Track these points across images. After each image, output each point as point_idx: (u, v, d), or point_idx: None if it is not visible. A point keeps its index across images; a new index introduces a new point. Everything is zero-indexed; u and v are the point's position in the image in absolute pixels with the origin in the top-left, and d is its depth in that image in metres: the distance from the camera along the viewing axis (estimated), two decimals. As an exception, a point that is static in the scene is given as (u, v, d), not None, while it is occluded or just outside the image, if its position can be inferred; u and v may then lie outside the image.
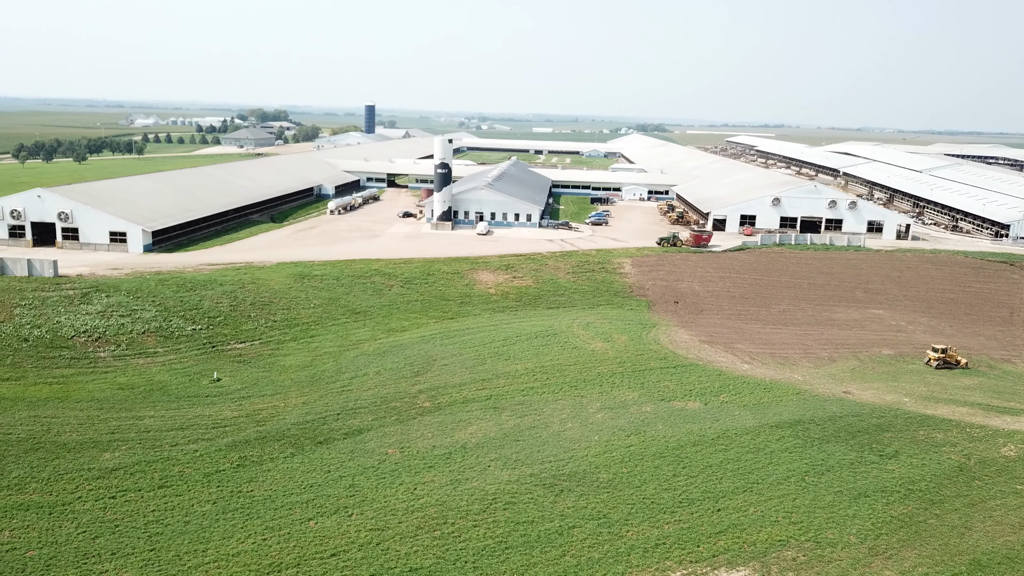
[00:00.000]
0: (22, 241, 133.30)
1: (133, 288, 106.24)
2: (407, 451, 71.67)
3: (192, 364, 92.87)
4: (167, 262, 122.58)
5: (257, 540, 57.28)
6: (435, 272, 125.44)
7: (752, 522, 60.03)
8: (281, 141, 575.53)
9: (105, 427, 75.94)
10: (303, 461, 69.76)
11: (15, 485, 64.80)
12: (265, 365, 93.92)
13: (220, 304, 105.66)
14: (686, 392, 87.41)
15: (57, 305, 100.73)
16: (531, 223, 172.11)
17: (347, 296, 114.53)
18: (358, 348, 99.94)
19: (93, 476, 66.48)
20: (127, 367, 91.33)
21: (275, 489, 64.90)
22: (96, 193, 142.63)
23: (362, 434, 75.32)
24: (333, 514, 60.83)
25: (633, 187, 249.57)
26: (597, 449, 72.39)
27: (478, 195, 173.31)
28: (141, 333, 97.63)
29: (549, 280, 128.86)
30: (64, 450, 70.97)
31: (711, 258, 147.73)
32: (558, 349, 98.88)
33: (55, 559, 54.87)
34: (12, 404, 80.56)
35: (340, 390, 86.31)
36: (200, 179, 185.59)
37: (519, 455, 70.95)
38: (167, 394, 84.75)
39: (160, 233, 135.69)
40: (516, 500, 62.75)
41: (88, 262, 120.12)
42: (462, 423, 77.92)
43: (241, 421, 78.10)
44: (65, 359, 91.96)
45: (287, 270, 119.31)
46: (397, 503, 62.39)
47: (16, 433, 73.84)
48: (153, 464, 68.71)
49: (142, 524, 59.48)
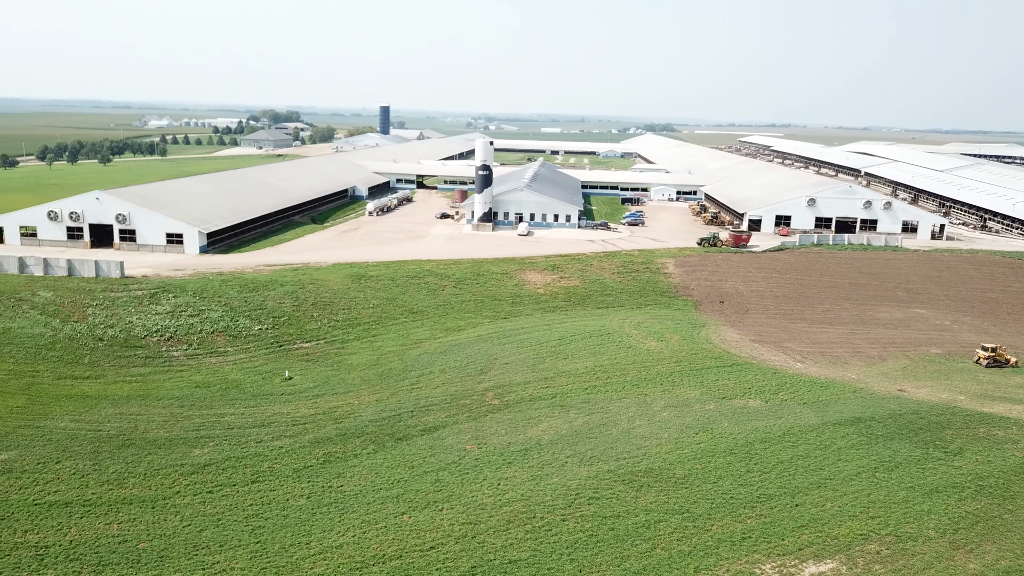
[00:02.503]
0: (80, 243, 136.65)
1: (199, 289, 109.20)
2: (484, 447, 74.01)
3: (262, 363, 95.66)
4: (225, 263, 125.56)
5: (356, 533, 59.73)
6: (485, 273, 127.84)
7: (831, 516, 61.96)
8: (298, 142, 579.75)
9: (190, 424, 78.74)
10: (386, 457, 72.24)
11: (114, 480, 67.60)
12: (333, 364, 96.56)
13: (283, 304, 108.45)
14: (745, 390, 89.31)
15: (127, 305, 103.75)
16: (570, 224, 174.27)
17: (403, 296, 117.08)
18: (420, 347, 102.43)
19: (187, 471, 69.20)
20: (200, 366, 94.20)
21: (363, 484, 67.39)
22: (151, 195, 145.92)
23: (438, 431, 77.73)
24: (424, 508, 63.22)
25: (662, 187, 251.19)
26: (668, 446, 74.48)
27: (517, 196, 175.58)
28: (210, 333, 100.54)
29: (596, 280, 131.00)
30: (154, 446, 73.76)
31: (752, 258, 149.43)
32: (614, 348, 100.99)
33: (167, 551, 57.51)
34: (97, 402, 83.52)
35: (410, 388, 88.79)
36: (243, 181, 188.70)
37: (594, 452, 73.14)
38: (243, 392, 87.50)
39: (214, 235, 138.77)
40: (599, 495, 64.93)
41: (149, 263, 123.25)
42: (533, 420, 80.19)
43: (319, 418, 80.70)
44: (140, 358, 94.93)
45: (343, 271, 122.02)
46: (484, 498, 64.70)
47: (106, 430, 76.74)
48: (243, 460, 71.38)
49: (243, 517, 62.08)
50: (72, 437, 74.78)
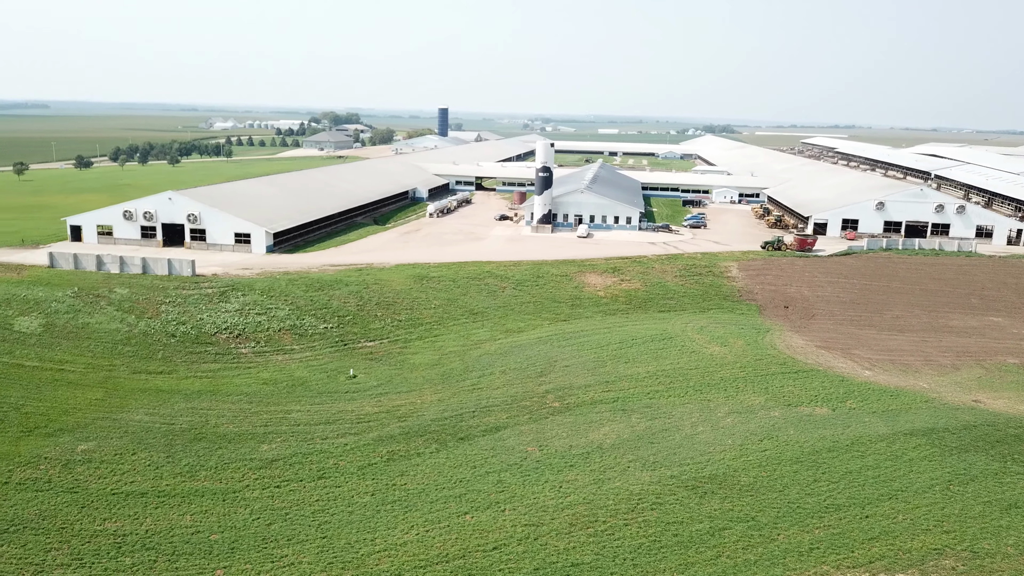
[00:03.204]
0: (153, 241, 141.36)
1: (266, 287, 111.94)
2: (546, 450, 74.04)
3: (328, 361, 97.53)
4: (291, 263, 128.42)
5: (420, 531, 60.40)
6: (544, 275, 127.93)
7: (903, 529, 60.21)
8: (358, 144, 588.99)
9: (258, 420, 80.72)
10: (448, 457, 72.87)
11: (186, 472, 69.73)
12: (396, 363, 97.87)
13: (348, 304, 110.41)
14: (811, 398, 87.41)
15: (198, 303, 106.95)
16: (631, 226, 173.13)
17: (464, 297, 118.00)
18: (480, 348, 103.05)
19: (256, 466, 70.96)
20: (268, 363, 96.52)
21: (427, 483, 68.11)
22: (220, 196, 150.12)
23: (499, 432, 78.08)
24: (487, 509, 63.56)
25: (723, 190, 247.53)
26: (732, 453, 73.35)
27: (577, 198, 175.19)
28: (277, 331, 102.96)
29: (657, 283, 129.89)
30: (224, 440, 75.83)
31: (817, 262, 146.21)
32: (676, 353, 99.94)
33: (237, 543, 59.06)
34: (169, 396, 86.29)
35: (471, 388, 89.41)
36: (307, 182, 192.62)
37: (656, 457, 72.51)
38: (309, 390, 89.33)
39: (280, 235, 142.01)
40: (662, 501, 64.34)
41: (218, 262, 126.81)
42: (594, 424, 79.90)
43: (383, 417, 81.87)
44: (211, 354, 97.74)
45: (406, 271, 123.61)
46: (546, 500, 64.73)
47: (179, 423, 79.21)
48: (309, 456, 72.86)
49: (309, 513, 63.37)
50: (147, 430, 77.43)
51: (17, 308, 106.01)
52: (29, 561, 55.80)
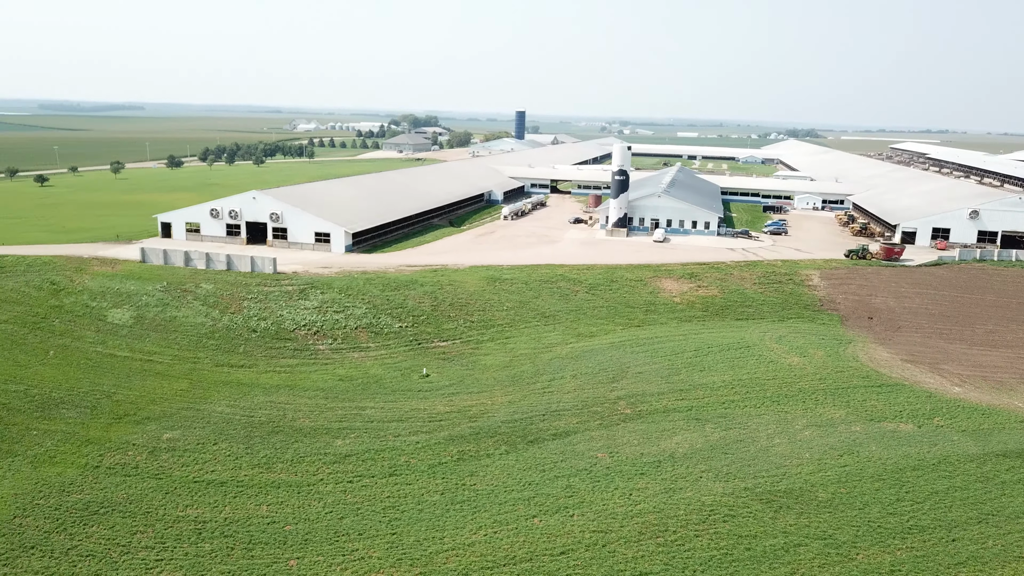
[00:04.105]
0: (237, 239, 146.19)
1: (344, 286, 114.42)
2: (616, 456, 73.26)
3: (402, 360, 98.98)
4: (369, 262, 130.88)
5: (488, 532, 60.56)
6: (618, 279, 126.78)
7: (993, 556, 57.20)
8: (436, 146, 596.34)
9: (333, 415, 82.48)
10: (518, 459, 72.88)
11: (263, 464, 71.75)
12: (468, 363, 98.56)
13: (422, 304, 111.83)
14: (896, 413, 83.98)
15: (279, 299, 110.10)
16: (709, 231, 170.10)
17: (536, 300, 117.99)
18: (551, 351, 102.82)
19: (330, 460, 72.48)
20: (344, 360, 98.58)
21: (496, 484, 68.26)
22: (301, 196, 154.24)
23: (569, 436, 77.67)
24: (555, 513, 63.28)
25: (806, 196, 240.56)
26: (810, 467, 71.08)
27: (654, 202, 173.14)
28: (354, 329, 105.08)
29: (735, 290, 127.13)
30: (301, 434, 77.74)
31: (905, 272, 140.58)
32: (754, 362, 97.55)
33: (310, 535, 60.41)
34: (249, 389, 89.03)
35: (541, 391, 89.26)
36: (385, 184, 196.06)
37: (730, 468, 70.86)
38: (383, 387, 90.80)
39: (358, 235, 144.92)
40: (734, 513, 62.82)
41: (298, 260, 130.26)
42: (666, 432, 78.66)
43: (454, 416, 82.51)
44: (289, 350, 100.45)
45: (479, 273, 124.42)
46: (615, 507, 64.02)
47: (258, 416, 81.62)
48: (381, 453, 74.00)
49: (380, 509, 64.32)
50: (228, 421, 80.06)
51: (111, 300, 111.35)
52: (116, 542, 58.36)
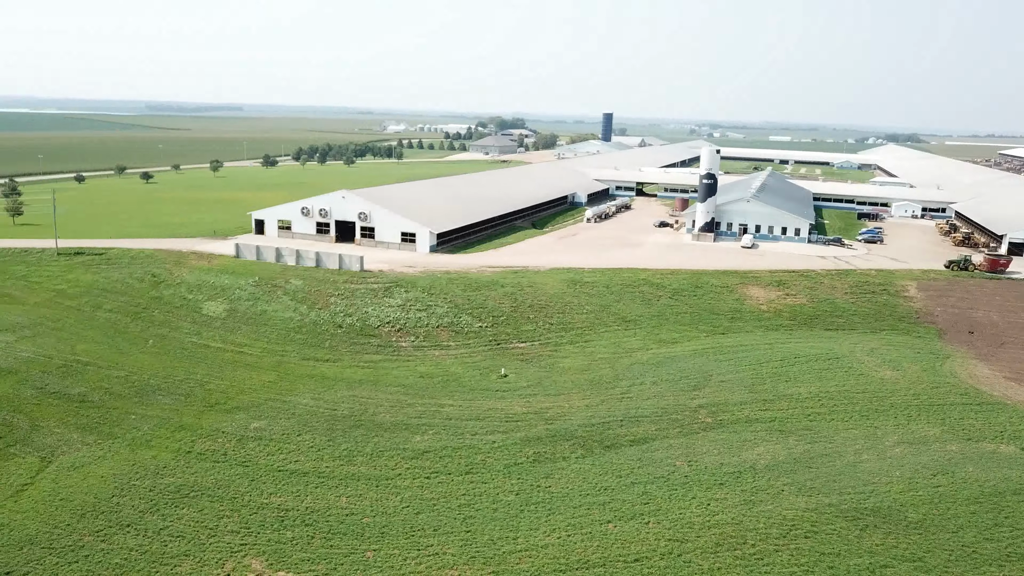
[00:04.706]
0: (327, 237, 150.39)
1: (427, 285, 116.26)
2: (695, 465, 71.89)
3: (481, 359, 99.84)
4: (452, 263, 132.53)
5: (561, 535, 60.38)
6: (703, 285, 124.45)
7: (1102, 591, 53.47)
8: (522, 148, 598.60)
9: (413, 411, 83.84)
10: (594, 464, 72.43)
11: (344, 456, 73.54)
12: (546, 365, 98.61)
13: (502, 305, 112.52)
14: (996, 433, 79.50)
15: (364, 297, 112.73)
16: (799, 238, 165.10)
17: (617, 304, 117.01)
18: (631, 356, 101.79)
19: (408, 456, 73.70)
20: (425, 357, 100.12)
21: (571, 488, 68.02)
22: (388, 196, 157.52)
23: (647, 443, 76.68)
24: (630, 519, 62.58)
25: (904, 203, 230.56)
26: (900, 486, 68.03)
27: (742, 206, 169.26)
28: (436, 327, 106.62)
29: (825, 300, 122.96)
30: (381, 429, 79.33)
31: (1011, 285, 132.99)
32: (843, 375, 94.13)
33: (387, 528, 61.56)
34: (334, 383, 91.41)
35: (620, 397, 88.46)
36: (470, 185, 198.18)
37: (814, 483, 68.54)
38: (462, 386, 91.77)
39: (443, 235, 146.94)
40: (817, 529, 60.73)
41: (384, 259, 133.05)
42: (748, 443, 76.73)
43: (531, 418, 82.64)
44: (373, 346, 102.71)
45: (560, 275, 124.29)
46: (692, 516, 62.84)
47: (340, 410, 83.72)
48: (458, 450, 74.77)
49: (456, 506, 64.98)
50: (312, 413, 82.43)
51: (206, 293, 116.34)
52: (204, 525, 60.88)
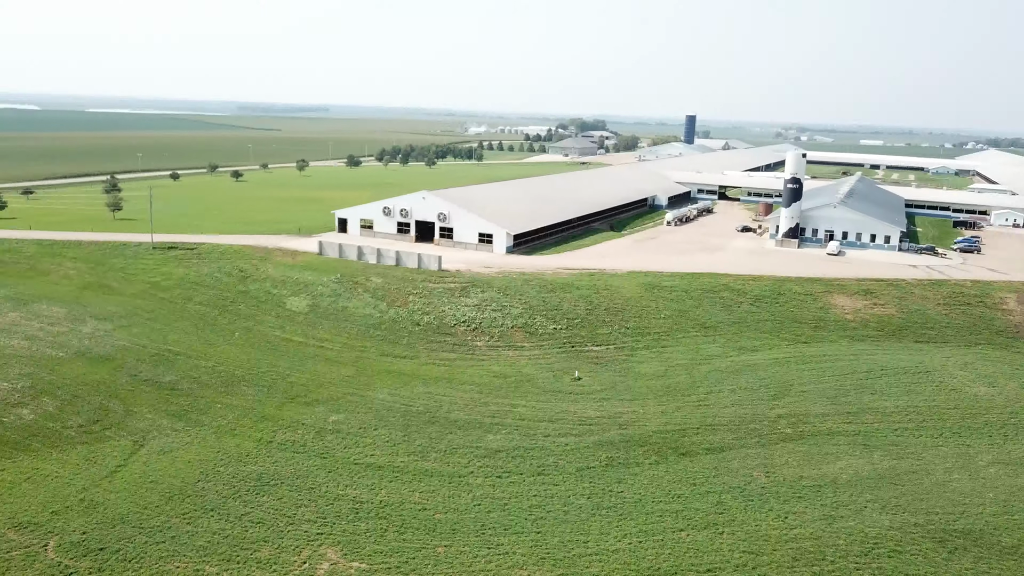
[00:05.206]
0: (407, 236, 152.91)
1: (503, 286, 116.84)
2: (773, 477, 69.98)
3: (554, 361, 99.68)
4: (528, 264, 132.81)
5: (632, 541, 59.63)
6: (786, 292, 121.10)
7: None
8: (602, 151, 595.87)
9: (486, 410, 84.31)
10: (668, 470, 71.33)
11: (418, 452, 74.48)
12: (621, 370, 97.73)
13: (578, 307, 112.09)
14: (1102, 458, 74.64)
15: (442, 296, 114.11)
16: (889, 246, 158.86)
17: (696, 310, 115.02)
18: (710, 363, 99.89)
19: (481, 454, 74.11)
20: (499, 357, 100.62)
21: (643, 494, 67.11)
22: (467, 197, 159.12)
23: (724, 452, 75.06)
24: (704, 529, 61.33)
25: (1005, 211, 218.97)
26: (993, 508, 64.61)
27: (829, 212, 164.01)
28: (510, 328, 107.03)
29: (916, 311, 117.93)
30: (455, 427, 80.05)
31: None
32: (933, 389, 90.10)
33: (458, 525, 61.99)
34: (410, 380, 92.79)
35: (697, 404, 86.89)
36: (548, 187, 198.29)
37: (899, 500, 65.78)
38: (535, 387, 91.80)
39: (519, 236, 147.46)
40: (901, 549, 58.22)
41: (462, 259, 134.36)
42: (829, 456, 74.24)
43: (604, 422, 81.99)
44: (449, 345, 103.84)
45: (637, 279, 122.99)
46: (768, 529, 61.16)
47: (416, 406, 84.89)
48: (530, 451, 74.77)
49: (527, 507, 64.95)
50: (388, 408, 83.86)
51: (290, 289, 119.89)
52: (283, 513, 62.63)
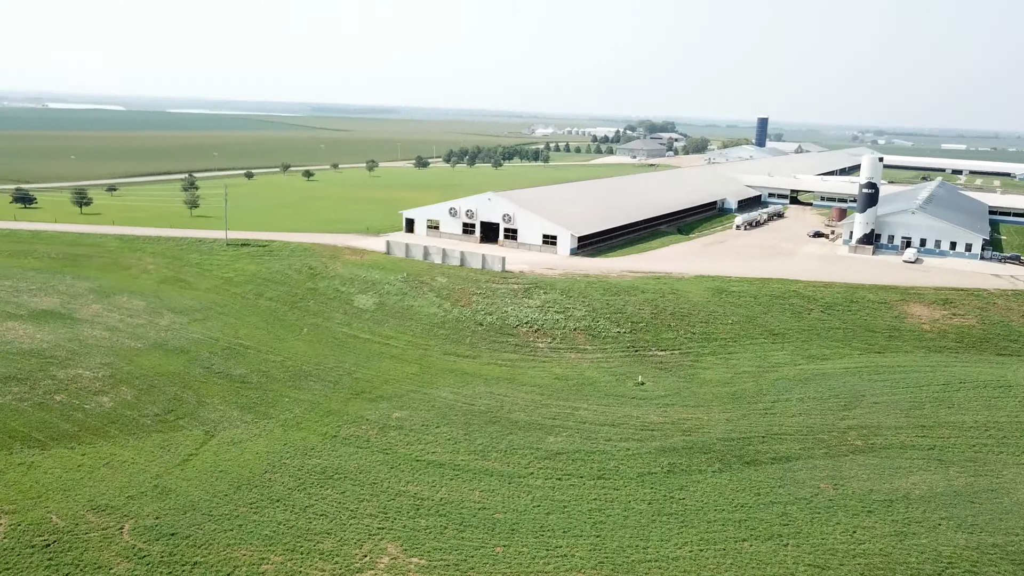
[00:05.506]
0: (472, 237, 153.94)
1: (566, 288, 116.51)
2: (841, 489, 67.94)
3: (617, 365, 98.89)
4: (592, 266, 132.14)
5: (693, 549, 58.68)
6: (859, 300, 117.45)
7: None
8: (671, 152, 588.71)
9: (547, 412, 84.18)
10: (731, 479, 69.97)
11: (479, 451, 74.81)
12: (685, 375, 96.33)
13: (642, 311, 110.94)
14: None
15: (505, 296, 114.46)
16: (970, 254, 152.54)
17: (764, 316, 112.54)
18: (777, 371, 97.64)
19: (541, 456, 74.00)
20: (561, 359, 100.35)
21: (706, 502, 65.98)
22: (532, 198, 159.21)
23: (790, 462, 73.25)
24: (767, 540, 59.95)
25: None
26: (1080, 532, 61.34)
27: (906, 218, 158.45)
28: (573, 330, 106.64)
29: (999, 322, 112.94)
30: (516, 427, 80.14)
31: None
32: (1015, 404, 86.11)
33: (517, 525, 62.01)
34: (472, 379, 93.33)
35: (763, 412, 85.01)
36: (614, 189, 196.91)
37: (975, 519, 63.04)
38: (597, 390, 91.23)
39: (584, 238, 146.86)
40: (977, 571, 55.79)
41: (525, 260, 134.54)
42: (902, 470, 71.69)
43: (667, 427, 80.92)
44: (511, 345, 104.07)
45: (704, 284, 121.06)
46: (836, 543, 59.39)
47: (477, 405, 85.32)
48: (591, 455, 74.32)
49: (586, 510, 64.56)
50: (450, 407, 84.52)
51: (358, 287, 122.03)
52: (345, 506, 63.70)
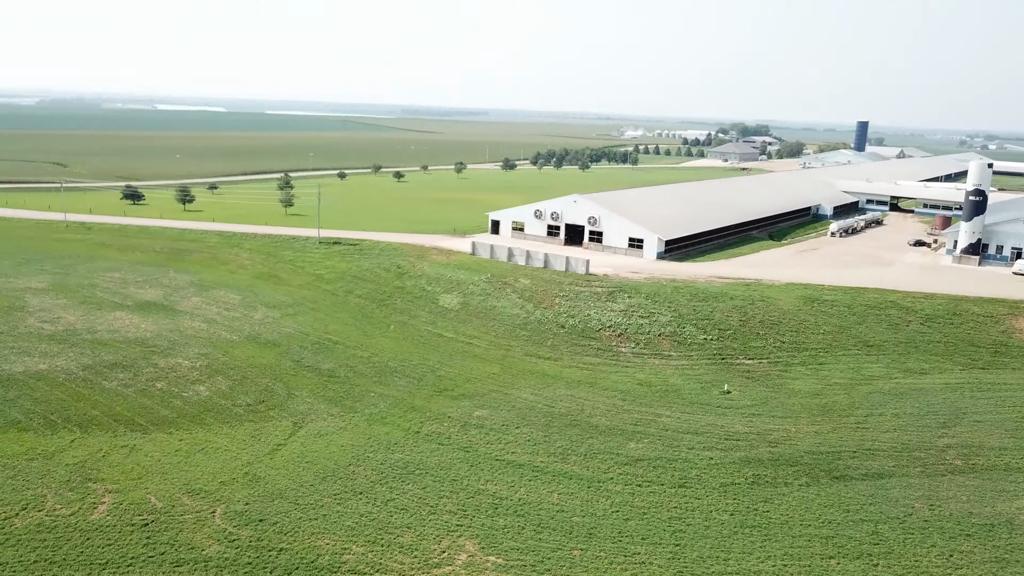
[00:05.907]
0: (556, 239, 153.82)
1: (652, 292, 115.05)
2: (937, 510, 64.74)
3: (703, 372, 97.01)
4: (679, 271, 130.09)
5: (777, 564, 57.03)
6: (962, 312, 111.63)
7: None
8: (764, 156, 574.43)
9: (628, 417, 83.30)
10: (819, 494, 67.65)
11: (559, 453, 74.66)
12: (773, 385, 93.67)
13: (730, 318, 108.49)
14: None
15: (588, 299, 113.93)
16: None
17: (859, 327, 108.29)
18: (871, 384, 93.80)
19: (621, 461, 73.28)
20: (644, 365, 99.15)
21: (791, 516, 64.02)
22: (619, 201, 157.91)
23: (883, 479, 70.25)
24: (856, 559, 57.71)
25: None
26: None
27: (1017, 228, 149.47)
28: (657, 335, 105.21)
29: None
30: (596, 431, 79.62)
31: None
32: None
33: (595, 530, 61.60)
34: (553, 381, 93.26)
35: (855, 426, 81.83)
36: (703, 193, 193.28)
37: (1089, 550, 59.01)
38: (680, 397, 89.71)
39: (671, 242, 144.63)
40: (1090, 605, 52.24)
41: (610, 263, 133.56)
42: (1005, 494, 67.78)
43: (752, 438, 78.86)
44: (593, 349, 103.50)
45: (795, 292, 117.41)
46: (930, 566, 56.67)
47: (558, 408, 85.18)
48: (673, 462, 73.13)
49: (666, 518, 63.57)
50: (530, 408, 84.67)
51: (443, 286, 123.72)
52: (425, 501, 64.68)
